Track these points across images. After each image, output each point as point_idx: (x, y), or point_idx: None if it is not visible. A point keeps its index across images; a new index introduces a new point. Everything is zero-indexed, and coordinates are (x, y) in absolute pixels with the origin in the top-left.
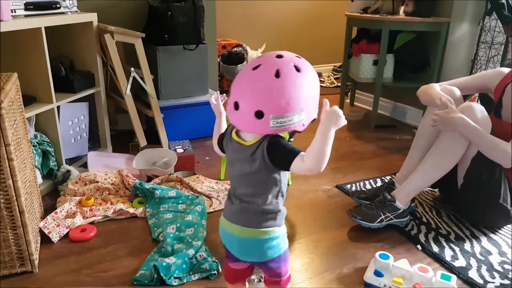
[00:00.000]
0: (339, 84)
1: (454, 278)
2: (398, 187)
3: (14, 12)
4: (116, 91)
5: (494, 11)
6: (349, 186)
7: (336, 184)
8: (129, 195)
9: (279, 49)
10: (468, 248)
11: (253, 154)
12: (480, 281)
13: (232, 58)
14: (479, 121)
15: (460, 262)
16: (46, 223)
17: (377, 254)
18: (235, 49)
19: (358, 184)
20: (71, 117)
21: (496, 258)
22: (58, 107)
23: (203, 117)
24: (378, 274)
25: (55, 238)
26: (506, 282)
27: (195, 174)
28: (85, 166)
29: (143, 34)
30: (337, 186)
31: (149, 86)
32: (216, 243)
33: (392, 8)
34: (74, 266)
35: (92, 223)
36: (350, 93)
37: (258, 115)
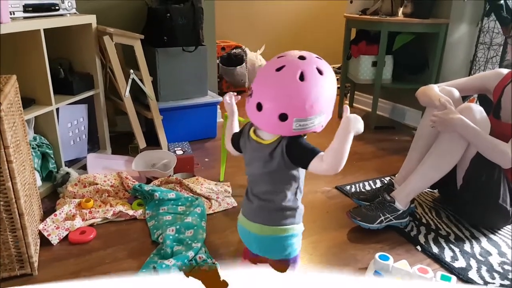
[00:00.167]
0: (338, 85)
1: (454, 279)
2: (397, 188)
3: (13, 14)
4: (115, 93)
5: (493, 12)
6: (348, 187)
7: (335, 185)
8: (128, 197)
9: (278, 51)
10: (468, 248)
11: (272, 153)
12: (480, 281)
13: (231, 59)
14: (478, 122)
15: (460, 263)
16: (45, 226)
17: (376, 255)
18: (234, 50)
19: (357, 185)
20: (70, 119)
21: (496, 258)
22: (57, 109)
23: (202, 119)
24: (378, 275)
25: (55, 240)
26: (506, 282)
27: (195, 176)
28: (84, 168)
29: (142, 36)
30: (336, 187)
31: (148, 88)
32: (215, 245)
33: (391, 9)
34: (74, 268)
35: (91, 225)
36: (349, 94)
37: (282, 118)
